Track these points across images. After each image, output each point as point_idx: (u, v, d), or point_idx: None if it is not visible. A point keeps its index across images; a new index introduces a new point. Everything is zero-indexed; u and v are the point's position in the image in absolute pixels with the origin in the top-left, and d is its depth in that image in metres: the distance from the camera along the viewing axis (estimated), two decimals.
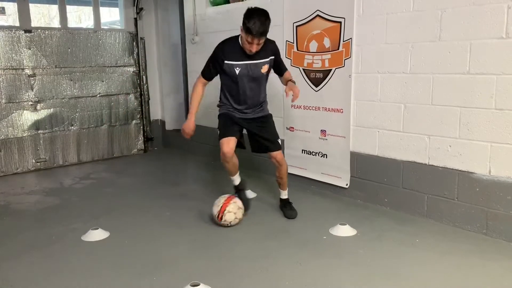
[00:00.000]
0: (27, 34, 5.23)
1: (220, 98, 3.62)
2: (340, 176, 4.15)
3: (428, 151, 3.48)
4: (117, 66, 5.98)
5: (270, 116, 3.68)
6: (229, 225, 3.40)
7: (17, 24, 5.22)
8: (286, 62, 4.43)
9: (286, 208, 3.71)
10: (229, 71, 3.37)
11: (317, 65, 4.17)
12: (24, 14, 5.23)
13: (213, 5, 5.38)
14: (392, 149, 3.72)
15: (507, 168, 3.06)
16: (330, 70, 4.06)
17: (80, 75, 5.69)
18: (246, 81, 3.41)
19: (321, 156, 4.29)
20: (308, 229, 3.40)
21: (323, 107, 4.19)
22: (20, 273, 2.77)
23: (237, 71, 3.35)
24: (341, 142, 4.08)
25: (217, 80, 3.56)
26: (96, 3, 5.80)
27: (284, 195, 3.77)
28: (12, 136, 5.26)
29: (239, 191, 3.73)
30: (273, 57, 3.45)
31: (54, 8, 5.81)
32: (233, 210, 3.39)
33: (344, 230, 3.30)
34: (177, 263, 2.89)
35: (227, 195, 3.53)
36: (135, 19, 6.12)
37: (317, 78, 4.18)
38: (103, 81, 5.88)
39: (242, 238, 3.26)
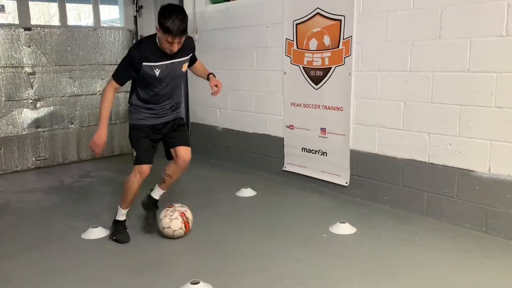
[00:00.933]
0: (26, 32, 5.23)
1: (132, 102, 3.26)
2: (340, 174, 4.14)
3: (428, 149, 3.48)
4: (117, 64, 5.93)
5: (184, 122, 3.44)
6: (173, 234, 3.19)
7: (17, 22, 5.22)
8: (286, 60, 4.45)
9: (154, 213, 3.43)
10: (147, 73, 3.06)
11: (317, 63, 4.16)
12: (23, 12, 5.22)
13: (213, 3, 5.37)
14: (392, 147, 3.72)
15: (507, 166, 3.06)
16: (330, 68, 4.05)
17: (80, 73, 5.69)
18: (166, 82, 3.15)
19: (321, 154, 4.29)
20: (308, 227, 3.40)
21: (323, 105, 4.19)
22: (20, 271, 2.78)
23: (157, 72, 3.06)
24: (341, 140, 4.08)
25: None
26: (95, 1, 5.79)
27: (160, 195, 3.45)
28: (12, 134, 5.26)
29: (117, 231, 3.28)
30: (191, 54, 3.28)
31: (54, 6, 5.80)
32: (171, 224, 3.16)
33: (344, 228, 3.30)
34: (177, 261, 2.89)
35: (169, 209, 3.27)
36: (135, 17, 6.12)
37: (317, 76, 4.17)
38: (103, 79, 5.87)
39: (241, 236, 3.26)
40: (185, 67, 3.23)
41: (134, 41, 6.10)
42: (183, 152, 3.28)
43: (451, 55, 3.24)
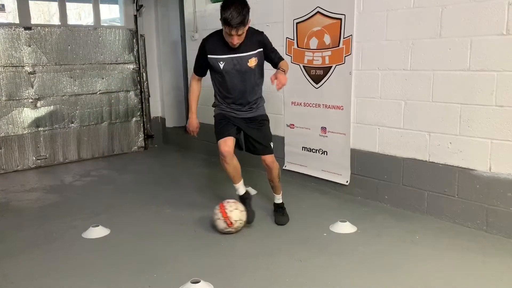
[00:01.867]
0: (27, 31, 5.23)
1: (215, 96, 3.47)
2: (340, 173, 4.14)
3: (428, 148, 3.47)
4: (117, 63, 5.98)
5: (266, 117, 3.49)
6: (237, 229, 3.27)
7: (17, 21, 5.22)
8: (287, 59, 4.43)
9: (277, 213, 3.54)
10: (214, 66, 3.23)
11: (318, 62, 4.16)
12: (23, 11, 5.22)
13: (213, 2, 5.36)
14: (392, 146, 3.72)
15: (507, 165, 3.06)
16: (331, 67, 4.05)
17: (80, 72, 5.69)
18: (233, 76, 3.23)
19: (322, 153, 4.29)
20: (308, 226, 3.40)
21: (323, 104, 4.19)
22: (21, 270, 2.78)
23: (221, 65, 3.19)
24: (341, 139, 4.08)
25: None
26: (96, 0, 5.79)
27: (278, 199, 3.59)
28: (12, 134, 5.26)
29: (244, 202, 3.44)
30: (261, 49, 3.24)
31: (54, 5, 5.80)
32: (237, 217, 3.22)
33: (344, 227, 3.30)
34: (178, 260, 2.89)
35: (218, 206, 3.29)
36: (135, 16, 6.11)
37: (318, 75, 4.17)
38: (103, 78, 5.87)
39: (242, 235, 3.26)
40: (252, 62, 3.22)
41: (134, 41, 6.11)
42: (267, 161, 3.43)
43: (452, 54, 3.24)
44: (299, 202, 3.92)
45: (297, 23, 4.30)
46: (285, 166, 4.67)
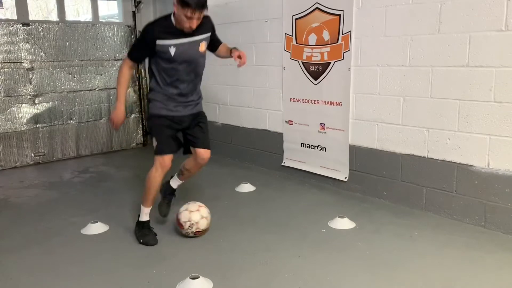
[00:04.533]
0: (25, 27, 5.21)
1: (151, 87, 3.10)
2: (339, 169, 4.15)
3: (427, 144, 3.48)
4: (115, 60, 5.96)
5: (205, 116, 3.30)
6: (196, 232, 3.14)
7: (15, 17, 5.20)
8: (285, 55, 4.44)
9: (170, 201, 3.43)
10: (162, 52, 2.92)
11: (316, 58, 4.16)
12: (21, 7, 5.20)
13: None
14: (391, 142, 3.72)
15: (505, 161, 3.07)
16: (329, 63, 4.05)
17: (79, 69, 5.67)
18: (184, 63, 2.98)
19: (320, 150, 4.29)
20: (307, 222, 3.40)
21: (322, 101, 4.18)
22: (20, 266, 2.78)
23: (172, 51, 2.90)
24: (340, 135, 4.08)
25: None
26: None
27: (177, 185, 3.44)
28: (10, 130, 5.25)
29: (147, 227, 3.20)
30: (209, 33, 3.09)
31: (52, 1, 5.78)
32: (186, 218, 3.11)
33: (343, 223, 3.30)
34: (176, 256, 2.89)
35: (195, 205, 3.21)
36: (133, 12, 6.09)
37: (316, 71, 4.17)
38: (101, 75, 5.86)
39: (241, 231, 3.27)
40: (202, 46, 3.03)
41: (132, 37, 6.09)
42: (203, 154, 3.19)
43: (451, 50, 3.23)
44: (298, 198, 3.92)
45: (296, 19, 4.29)
46: (284, 163, 4.67)
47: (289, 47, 4.40)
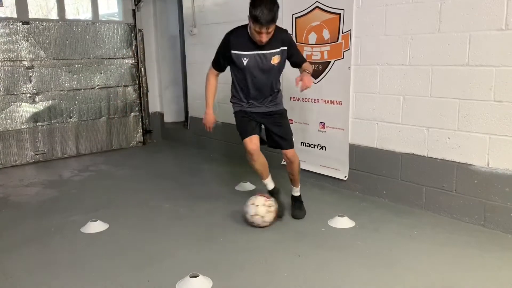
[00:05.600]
0: (25, 25, 5.21)
1: (232, 92, 3.42)
2: (338, 168, 4.15)
3: (427, 143, 3.48)
4: (115, 58, 5.96)
5: (284, 112, 3.46)
6: (258, 225, 3.27)
7: (15, 15, 5.20)
8: None
9: (295, 206, 3.54)
10: (236, 62, 3.18)
11: (316, 57, 4.15)
12: (21, 5, 5.20)
13: None
14: (391, 141, 3.72)
15: (505, 160, 3.07)
16: (329, 62, 4.05)
17: (79, 67, 5.67)
18: (255, 72, 3.19)
19: (320, 149, 4.29)
20: (306, 221, 3.41)
21: (322, 100, 4.18)
22: (19, 265, 2.78)
23: (244, 62, 3.15)
24: (340, 134, 4.08)
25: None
26: None
27: (296, 192, 3.59)
28: (10, 129, 5.25)
29: (274, 196, 3.46)
30: (284, 48, 3.20)
31: (52, 0, 5.78)
32: (261, 213, 3.22)
33: (343, 222, 3.30)
34: (176, 254, 2.89)
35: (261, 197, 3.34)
36: (134, 11, 6.09)
37: (316, 70, 4.16)
38: (101, 73, 5.86)
39: (241, 230, 3.27)
40: (275, 60, 3.19)
41: (132, 35, 6.09)
42: (288, 155, 3.43)
43: (451, 49, 3.23)
44: None
45: (296, 18, 4.29)
46: (284, 161, 4.67)
47: None
